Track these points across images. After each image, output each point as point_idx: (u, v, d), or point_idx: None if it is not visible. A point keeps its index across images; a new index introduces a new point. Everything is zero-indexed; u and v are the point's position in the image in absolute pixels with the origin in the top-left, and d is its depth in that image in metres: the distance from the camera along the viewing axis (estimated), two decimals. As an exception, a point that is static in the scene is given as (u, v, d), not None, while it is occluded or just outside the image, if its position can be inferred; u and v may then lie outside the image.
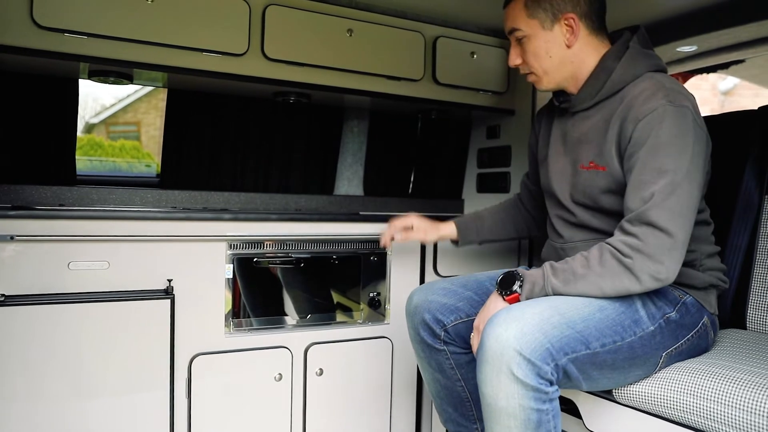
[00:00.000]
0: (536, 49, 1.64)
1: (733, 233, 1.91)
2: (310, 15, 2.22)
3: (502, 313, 1.35)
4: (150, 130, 5.30)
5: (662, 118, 1.42)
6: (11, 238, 1.72)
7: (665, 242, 1.36)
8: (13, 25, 1.81)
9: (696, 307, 1.58)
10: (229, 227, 2.01)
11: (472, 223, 2.04)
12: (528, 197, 2.07)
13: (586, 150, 1.62)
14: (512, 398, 1.29)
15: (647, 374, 1.49)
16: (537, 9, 1.61)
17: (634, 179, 1.44)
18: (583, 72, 1.64)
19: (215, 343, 1.98)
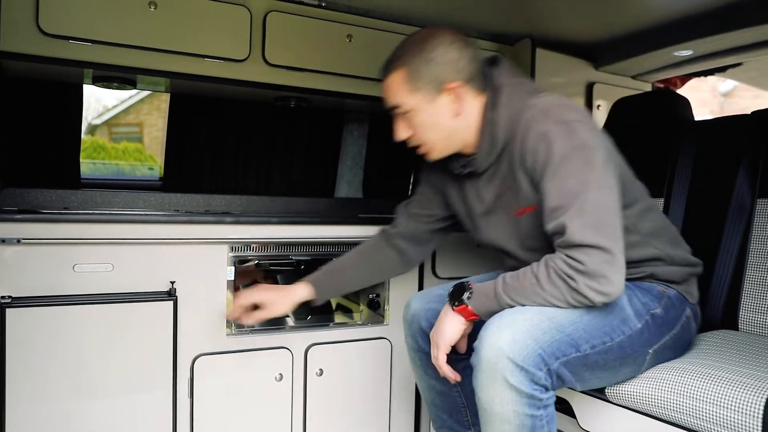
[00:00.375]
0: (423, 122, 1.57)
1: (726, 236, 1.94)
2: (310, 21, 2.26)
3: (495, 319, 1.37)
4: (152, 131, 5.35)
5: (552, 141, 1.40)
6: (18, 241, 1.75)
7: (600, 258, 1.32)
8: (19, 32, 1.86)
9: (679, 300, 1.60)
10: (230, 230, 2.05)
11: (328, 278, 1.91)
12: (403, 229, 1.94)
13: (508, 199, 1.58)
14: (507, 404, 1.32)
15: (636, 371, 1.52)
16: (419, 82, 1.53)
17: (548, 207, 1.41)
18: (474, 133, 1.59)
19: (217, 344, 2.01)
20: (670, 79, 3.29)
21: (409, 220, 1.93)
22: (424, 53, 1.52)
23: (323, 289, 1.89)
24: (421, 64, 1.52)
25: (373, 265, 1.96)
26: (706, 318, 1.94)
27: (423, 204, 1.91)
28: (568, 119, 1.42)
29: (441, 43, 1.52)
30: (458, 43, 1.54)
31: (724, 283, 1.91)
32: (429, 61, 1.51)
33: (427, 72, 1.52)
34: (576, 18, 2.51)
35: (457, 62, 1.52)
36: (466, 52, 1.54)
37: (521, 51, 2.71)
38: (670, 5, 2.33)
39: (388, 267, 1.97)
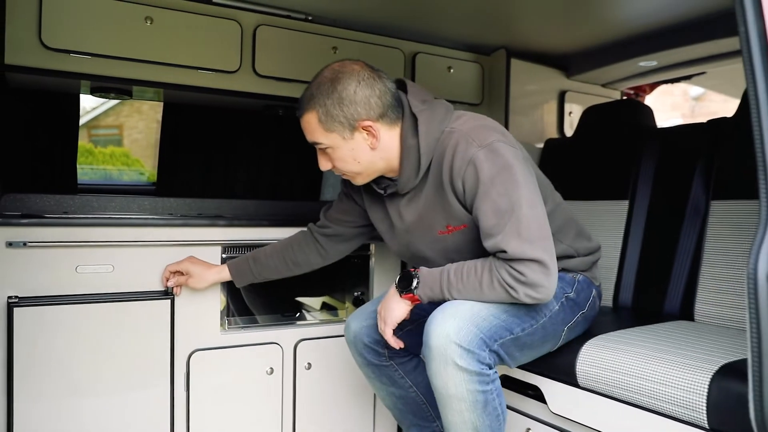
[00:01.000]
0: (343, 157, 1.63)
1: (683, 234, 2.10)
2: (297, 34, 2.39)
3: (438, 312, 1.51)
4: (132, 133, 5.40)
5: (478, 165, 1.50)
6: (24, 244, 1.86)
7: (538, 269, 1.45)
8: (23, 46, 1.96)
9: (587, 284, 1.81)
10: (223, 233, 2.16)
11: (246, 265, 2.01)
12: (325, 228, 2.03)
13: (433, 218, 1.67)
14: (460, 385, 1.47)
15: (554, 346, 1.73)
16: (332, 123, 1.57)
17: (485, 227, 1.51)
18: (394, 160, 1.66)
19: (212, 340, 2.12)
20: (640, 86, 3.47)
21: (331, 222, 2.01)
22: (335, 94, 1.55)
23: (241, 274, 2.02)
24: (333, 106, 1.56)
25: (292, 257, 2.03)
26: (664, 310, 2.11)
27: (344, 212, 1.99)
28: (489, 141, 1.52)
29: (351, 82, 1.56)
30: (367, 81, 1.57)
31: (682, 279, 2.07)
32: (340, 102, 1.55)
33: (339, 113, 1.56)
34: (549, 30, 2.66)
35: (368, 100, 1.57)
36: (376, 88, 1.58)
37: (497, 61, 2.86)
38: (636, 19, 2.50)
39: (307, 261, 2.04)
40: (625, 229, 2.32)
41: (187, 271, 1.98)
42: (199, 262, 2.02)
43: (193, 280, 1.99)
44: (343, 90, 1.56)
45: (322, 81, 1.60)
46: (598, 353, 1.69)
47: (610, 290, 2.30)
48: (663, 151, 2.31)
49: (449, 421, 1.53)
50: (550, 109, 3.02)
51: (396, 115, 1.63)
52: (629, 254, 2.27)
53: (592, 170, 2.55)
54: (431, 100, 1.68)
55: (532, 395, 1.93)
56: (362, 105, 1.57)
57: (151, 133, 5.31)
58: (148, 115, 5.36)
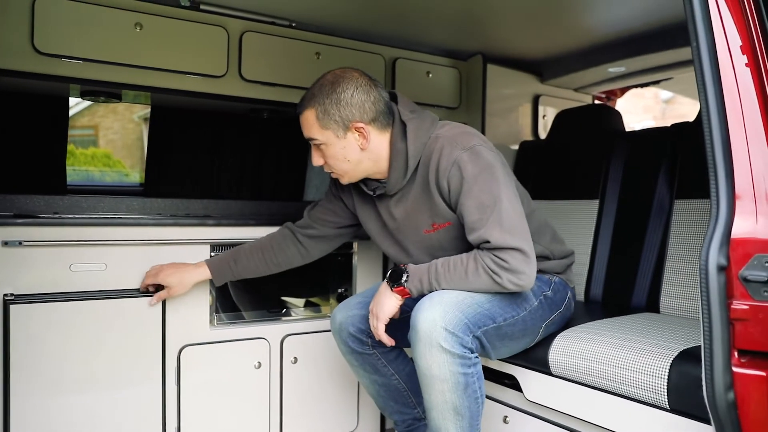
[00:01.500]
0: (334, 154, 1.78)
1: (649, 231, 2.23)
2: (282, 40, 2.47)
3: (426, 300, 1.63)
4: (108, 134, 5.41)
5: (462, 165, 1.66)
6: (19, 243, 1.92)
7: (519, 257, 1.60)
8: (15, 51, 2.02)
9: (562, 285, 1.94)
10: (211, 232, 2.24)
11: (226, 264, 2.08)
12: (308, 229, 2.12)
13: (419, 217, 1.82)
14: (443, 366, 1.58)
15: (531, 341, 1.85)
16: (328, 121, 1.73)
17: (469, 221, 1.66)
18: (382, 162, 1.81)
19: (201, 335, 2.20)
20: (611, 90, 3.61)
21: (315, 222, 2.11)
22: (334, 95, 1.72)
23: (220, 273, 2.08)
24: (331, 105, 1.72)
25: (273, 258, 2.10)
26: (632, 304, 2.24)
27: (330, 212, 2.09)
28: (472, 145, 1.69)
29: (349, 86, 1.73)
30: (364, 87, 1.75)
31: (648, 273, 2.21)
32: (338, 102, 1.72)
33: (335, 112, 1.72)
34: (523, 37, 2.78)
35: (363, 104, 1.73)
36: (371, 95, 1.75)
37: (473, 66, 2.97)
38: (605, 28, 2.62)
39: (288, 261, 2.13)
40: (595, 227, 2.45)
41: (166, 283, 2.02)
42: (175, 269, 2.04)
43: (174, 290, 2.03)
44: (342, 92, 1.72)
45: (323, 83, 1.76)
46: (569, 343, 1.81)
47: (582, 285, 2.42)
48: (630, 152, 2.44)
49: (431, 401, 1.63)
50: (525, 113, 3.15)
51: (387, 122, 1.79)
52: (599, 251, 2.40)
53: (564, 171, 2.67)
54: (419, 111, 1.85)
55: (509, 384, 2.04)
56: (357, 108, 1.73)
57: (127, 133, 5.32)
58: (123, 115, 5.36)
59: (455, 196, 1.70)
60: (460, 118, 2.97)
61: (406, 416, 2.08)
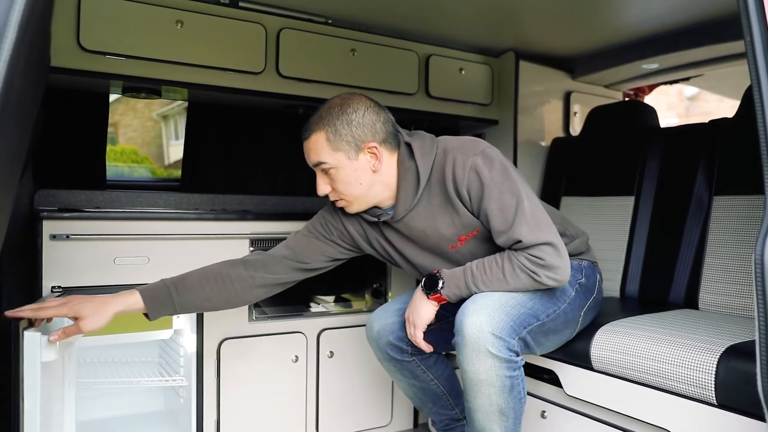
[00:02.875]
0: (345, 178, 1.72)
1: (687, 228, 2.23)
2: (319, 37, 2.49)
3: (470, 304, 1.62)
4: (128, 132, 5.47)
5: (479, 170, 1.65)
6: (66, 236, 1.95)
7: (552, 251, 1.60)
8: (62, 49, 2.05)
9: (591, 268, 1.95)
10: (251, 226, 2.27)
11: (166, 294, 1.72)
12: (278, 266, 1.86)
13: (443, 235, 1.76)
14: (490, 371, 1.58)
15: (573, 332, 1.85)
16: (340, 142, 1.68)
17: (495, 224, 1.65)
18: (392, 185, 1.77)
19: (240, 329, 2.23)
20: (640, 87, 3.60)
21: (303, 257, 1.89)
22: (344, 116, 1.69)
23: (158, 304, 1.71)
24: (342, 126, 1.68)
25: (235, 296, 1.81)
26: (670, 300, 2.24)
27: (323, 247, 1.91)
28: (481, 149, 1.69)
29: (359, 107, 1.71)
30: (373, 108, 1.73)
31: (686, 270, 2.20)
32: (349, 123, 1.68)
33: (347, 132, 1.68)
34: (556, 34, 2.78)
35: (374, 125, 1.71)
36: (380, 116, 1.74)
37: (505, 63, 2.97)
38: (640, 24, 2.62)
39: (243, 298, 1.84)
40: (631, 224, 2.44)
41: (77, 313, 1.56)
42: (89, 298, 1.62)
43: (86, 321, 1.56)
44: (353, 113, 1.70)
45: (331, 105, 1.73)
46: (611, 338, 1.81)
47: (617, 281, 2.42)
48: (667, 149, 2.43)
49: (476, 403, 1.64)
50: (556, 109, 3.14)
51: (395, 143, 1.77)
52: (635, 247, 2.40)
53: (598, 167, 2.67)
54: (414, 132, 1.83)
55: (547, 379, 2.05)
56: (369, 128, 1.71)
57: (146, 131, 5.38)
58: (142, 113, 5.42)
59: (477, 202, 1.69)
60: (492, 115, 2.98)
61: (444, 417, 2.09)
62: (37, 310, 1.54)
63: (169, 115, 5.35)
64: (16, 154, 0.89)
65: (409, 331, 1.79)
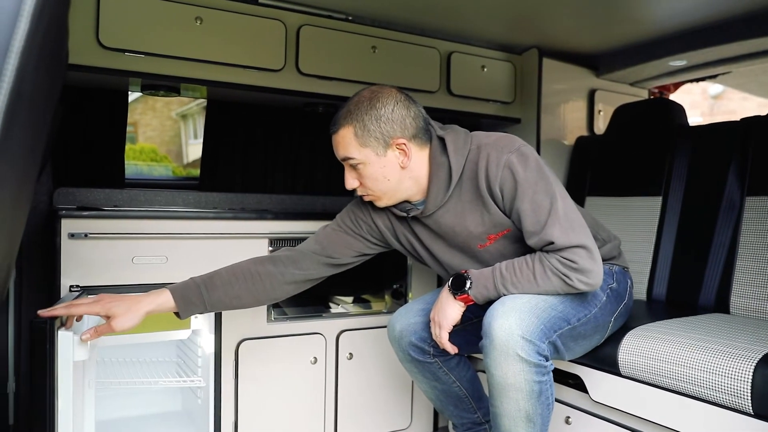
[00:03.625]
0: (373, 174, 1.68)
1: (718, 230, 2.16)
2: (339, 34, 2.46)
3: (499, 306, 1.57)
4: (147, 131, 5.50)
5: (513, 168, 1.59)
6: (85, 235, 1.94)
7: (585, 255, 1.55)
8: (81, 46, 2.04)
9: (622, 274, 1.88)
10: (269, 226, 2.24)
11: (196, 293, 1.70)
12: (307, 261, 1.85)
13: (473, 233, 1.71)
14: (519, 375, 1.53)
15: (602, 337, 1.79)
16: (368, 138, 1.64)
17: (527, 224, 1.59)
18: (423, 181, 1.72)
19: (259, 330, 2.20)
20: (664, 85, 3.52)
21: (332, 252, 1.87)
22: (373, 111, 1.64)
23: (188, 303, 1.69)
24: (370, 122, 1.63)
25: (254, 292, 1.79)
26: (699, 303, 2.17)
27: (351, 242, 1.89)
28: (517, 146, 1.63)
29: (388, 102, 1.65)
30: (403, 102, 1.67)
31: (716, 272, 2.13)
32: (378, 118, 1.63)
33: (376, 128, 1.63)
34: (580, 30, 2.72)
35: (404, 120, 1.65)
36: (410, 110, 1.68)
37: (528, 60, 2.92)
38: (667, 20, 2.55)
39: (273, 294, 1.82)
40: (658, 225, 2.38)
41: (109, 312, 1.56)
42: (121, 297, 1.61)
43: (118, 320, 1.56)
44: (382, 108, 1.65)
45: (360, 99, 1.68)
46: (639, 343, 1.76)
47: (644, 284, 2.36)
48: (696, 148, 2.36)
49: (503, 408, 1.59)
50: (580, 107, 3.08)
51: (425, 139, 1.71)
52: (663, 249, 2.33)
53: (624, 167, 2.61)
54: (447, 125, 1.78)
55: (572, 384, 2.00)
56: (398, 123, 1.65)
57: (165, 130, 5.40)
58: (161, 112, 5.45)
59: (509, 200, 1.63)
60: (515, 113, 2.93)
61: (465, 420, 2.04)
62: (69, 307, 1.53)
63: (188, 114, 5.37)
64: (30, 150, 0.86)
65: (434, 332, 1.74)
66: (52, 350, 1.41)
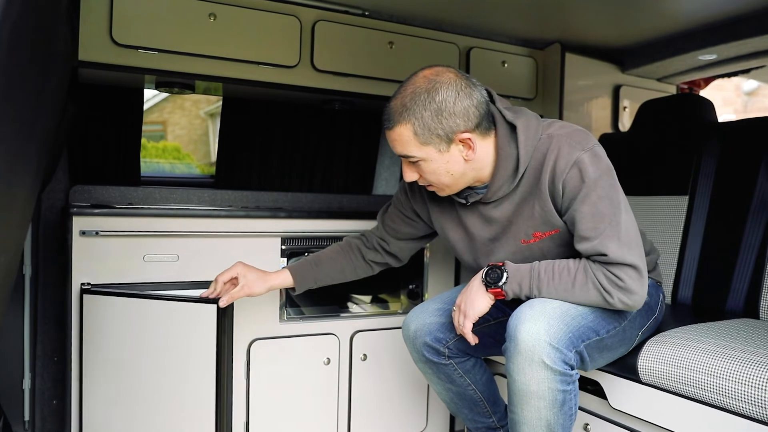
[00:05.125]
0: (436, 170, 1.56)
1: (748, 230, 2.06)
2: (355, 29, 2.42)
3: (527, 309, 1.49)
4: (175, 129, 5.54)
5: (583, 168, 1.48)
6: (96, 233, 1.93)
7: (634, 275, 1.47)
8: (94, 43, 2.04)
9: (655, 288, 1.79)
10: (283, 224, 2.21)
11: (310, 270, 1.91)
12: (382, 241, 1.97)
13: (521, 226, 1.63)
14: (542, 383, 1.46)
15: (626, 350, 1.71)
16: (429, 136, 1.50)
17: (581, 228, 1.49)
18: (487, 170, 1.60)
19: (271, 330, 2.17)
20: (694, 80, 3.40)
21: (388, 234, 1.95)
22: (433, 105, 1.47)
23: (302, 280, 1.91)
24: (430, 118, 1.48)
25: (350, 267, 1.97)
26: (727, 308, 2.08)
27: (403, 223, 1.92)
28: (591, 146, 1.51)
29: (449, 93, 1.48)
30: (465, 90, 1.50)
31: (746, 275, 2.04)
32: (438, 113, 1.48)
33: (437, 125, 1.48)
34: (604, 24, 2.64)
35: (467, 111, 1.50)
36: (473, 98, 1.51)
37: (551, 55, 2.84)
38: (696, 12, 2.45)
39: (360, 271, 2.00)
40: (684, 225, 2.28)
41: (244, 275, 1.83)
42: (252, 268, 1.88)
43: (250, 286, 1.83)
44: (443, 101, 1.48)
45: (417, 91, 1.49)
46: (662, 349, 1.68)
47: (669, 286, 2.27)
48: (725, 145, 2.26)
49: (523, 416, 1.52)
50: (604, 104, 2.99)
51: (489, 125, 1.56)
52: (689, 250, 2.24)
53: (649, 165, 2.52)
54: (517, 108, 1.65)
55: (591, 390, 1.93)
56: (461, 116, 1.49)
57: (193, 128, 5.44)
58: (190, 111, 5.49)
59: (568, 200, 1.51)
60: (536, 110, 2.85)
61: (480, 424, 1.98)
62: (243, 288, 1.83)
63: (215, 113, 5.40)
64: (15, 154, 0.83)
65: (457, 320, 1.65)
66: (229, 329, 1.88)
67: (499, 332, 1.53)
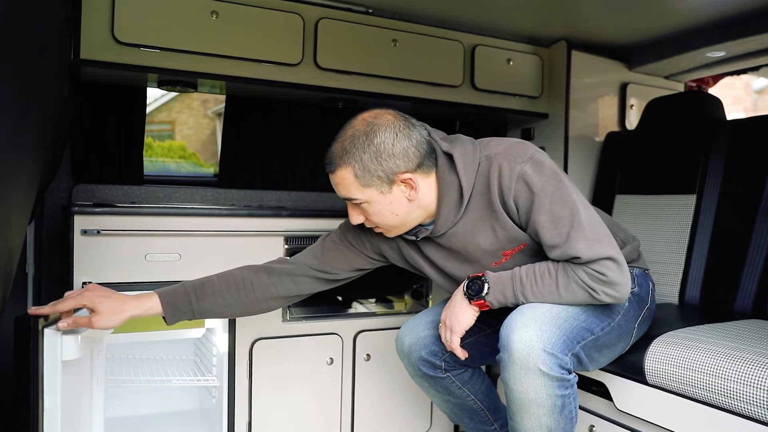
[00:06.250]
0: (380, 211, 1.55)
1: (757, 230, 2.03)
2: (359, 27, 2.40)
3: (517, 317, 1.47)
4: (184, 129, 5.53)
5: (528, 179, 1.47)
6: (98, 232, 1.92)
7: (614, 267, 1.45)
8: (96, 42, 2.02)
9: (643, 277, 1.78)
10: (285, 223, 2.19)
11: (185, 298, 1.65)
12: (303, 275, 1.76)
13: (485, 250, 1.61)
14: (540, 390, 1.43)
15: (626, 345, 1.69)
16: (370, 178, 1.49)
17: (546, 238, 1.48)
18: (433, 205, 1.59)
19: (274, 329, 2.16)
20: (702, 78, 3.36)
21: (328, 267, 1.78)
22: (372, 147, 1.48)
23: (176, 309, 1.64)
24: (370, 160, 1.48)
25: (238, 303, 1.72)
26: (736, 308, 2.05)
27: (349, 259, 1.80)
28: (530, 155, 1.50)
29: (387, 134, 1.48)
30: (404, 131, 1.50)
31: (755, 275, 2.00)
32: (378, 155, 1.48)
33: (377, 167, 1.48)
34: (611, 21, 2.60)
35: (407, 152, 1.50)
36: (412, 138, 1.51)
37: (556, 53, 2.81)
38: (704, 8, 2.41)
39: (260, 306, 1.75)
40: (692, 224, 2.26)
41: (94, 306, 1.51)
42: (110, 294, 1.57)
43: (99, 318, 1.51)
44: (381, 143, 1.48)
45: (355, 134, 1.51)
46: (668, 350, 1.66)
47: (676, 287, 2.25)
48: (734, 143, 2.23)
49: (523, 424, 1.50)
50: (611, 102, 2.96)
51: (431, 162, 1.56)
52: (697, 250, 2.21)
53: (656, 164, 2.49)
54: (452, 137, 1.64)
55: (597, 392, 1.90)
56: (401, 157, 1.50)
57: (201, 128, 5.44)
58: (198, 111, 5.48)
59: (525, 214, 1.51)
60: (542, 108, 2.83)
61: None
62: (55, 304, 1.48)
63: (222, 112, 5.39)
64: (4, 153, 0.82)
65: (444, 336, 1.64)
66: (36, 349, 1.37)
67: (496, 340, 1.50)
